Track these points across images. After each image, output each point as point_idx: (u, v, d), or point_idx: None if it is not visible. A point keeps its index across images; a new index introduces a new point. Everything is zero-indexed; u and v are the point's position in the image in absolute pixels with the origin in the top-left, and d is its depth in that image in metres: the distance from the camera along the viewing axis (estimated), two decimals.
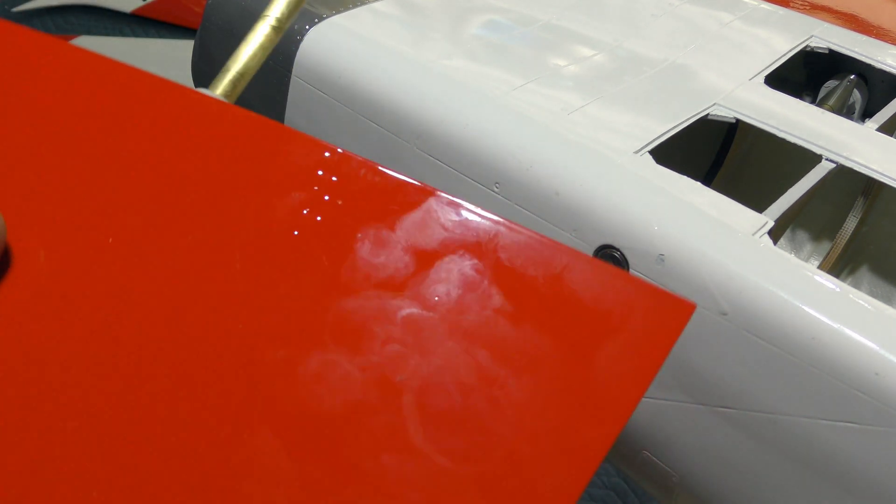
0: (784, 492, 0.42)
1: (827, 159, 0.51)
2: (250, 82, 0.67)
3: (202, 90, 0.35)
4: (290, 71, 0.61)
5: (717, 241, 0.44)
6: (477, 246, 0.30)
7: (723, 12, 0.66)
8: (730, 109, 0.54)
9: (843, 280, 0.60)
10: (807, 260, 0.71)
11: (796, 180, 0.50)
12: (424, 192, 0.31)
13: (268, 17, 0.38)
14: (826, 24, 0.64)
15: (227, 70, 0.36)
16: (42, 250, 0.30)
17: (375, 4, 0.64)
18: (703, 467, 0.45)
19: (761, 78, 0.58)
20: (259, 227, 0.31)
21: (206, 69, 0.70)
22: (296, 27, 0.61)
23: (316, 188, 0.32)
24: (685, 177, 0.48)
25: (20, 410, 0.28)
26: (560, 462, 0.27)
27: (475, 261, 0.30)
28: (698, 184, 0.48)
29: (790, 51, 0.61)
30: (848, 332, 0.39)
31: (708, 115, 0.54)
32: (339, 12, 0.62)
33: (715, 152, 0.74)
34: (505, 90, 0.55)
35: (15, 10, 2.25)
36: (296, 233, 0.31)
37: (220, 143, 0.32)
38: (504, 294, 0.30)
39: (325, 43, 0.60)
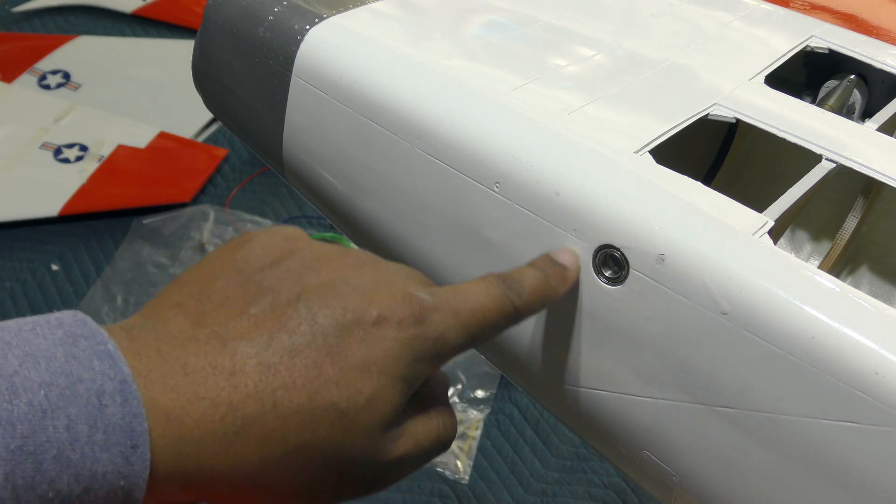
0: (784, 491, 0.42)
1: (827, 159, 0.51)
2: (250, 83, 0.68)
3: None
4: (290, 71, 0.61)
5: (717, 240, 0.44)
6: None
7: (723, 12, 0.66)
8: (730, 109, 0.54)
9: (843, 280, 0.60)
10: (807, 260, 0.71)
11: (796, 180, 0.50)
12: None
13: None
14: (826, 24, 0.64)
15: None
16: None
17: (375, 4, 0.64)
18: (703, 467, 0.45)
19: (761, 78, 0.58)
20: None
21: (206, 69, 0.70)
22: (296, 27, 0.61)
23: None
24: (685, 177, 0.48)
25: None
26: None
27: None
28: (698, 184, 0.48)
29: (790, 51, 0.61)
30: (848, 331, 0.39)
31: (708, 115, 0.54)
32: (339, 12, 0.62)
33: (715, 152, 0.74)
34: (505, 90, 0.55)
35: (15, 10, 2.25)
36: None
37: None
38: None
39: (325, 43, 0.60)
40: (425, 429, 0.39)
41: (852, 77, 0.62)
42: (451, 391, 1.42)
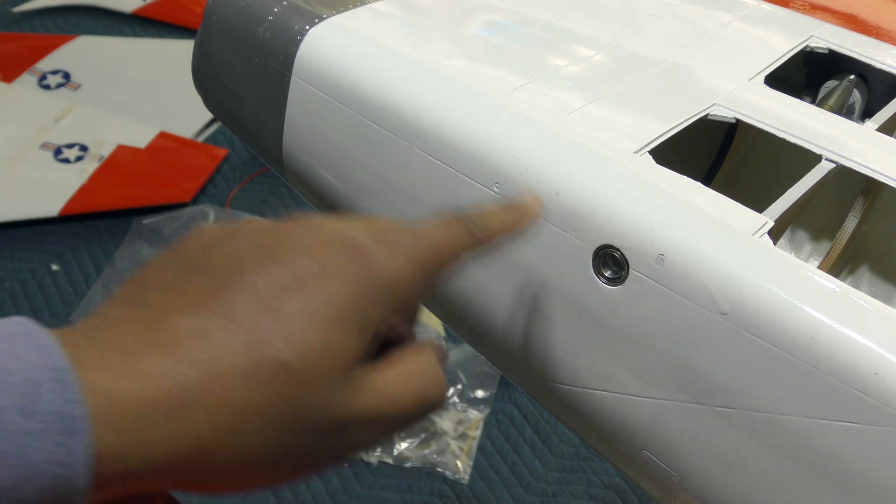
0: (784, 492, 0.42)
1: (827, 159, 0.51)
2: (250, 83, 0.68)
3: None
4: (290, 71, 0.61)
5: (716, 240, 0.44)
6: None
7: (722, 12, 0.66)
8: (730, 109, 0.54)
9: (843, 280, 0.60)
10: (807, 260, 0.71)
11: (796, 180, 0.50)
12: None
13: None
14: (826, 24, 0.64)
15: None
16: None
17: (375, 4, 0.64)
18: (703, 467, 0.45)
19: (761, 78, 0.58)
20: None
21: (206, 69, 0.70)
22: (296, 27, 0.61)
23: None
24: (685, 177, 0.48)
25: None
26: None
27: None
28: (698, 184, 0.48)
29: (790, 51, 0.61)
30: (848, 331, 0.39)
31: (708, 115, 0.54)
32: (339, 12, 0.62)
33: (715, 152, 0.74)
34: (505, 90, 0.55)
35: (15, 10, 2.25)
36: None
37: None
38: None
39: (325, 43, 0.60)
40: (401, 384, 0.36)
41: (852, 77, 0.62)
42: (451, 391, 1.41)
